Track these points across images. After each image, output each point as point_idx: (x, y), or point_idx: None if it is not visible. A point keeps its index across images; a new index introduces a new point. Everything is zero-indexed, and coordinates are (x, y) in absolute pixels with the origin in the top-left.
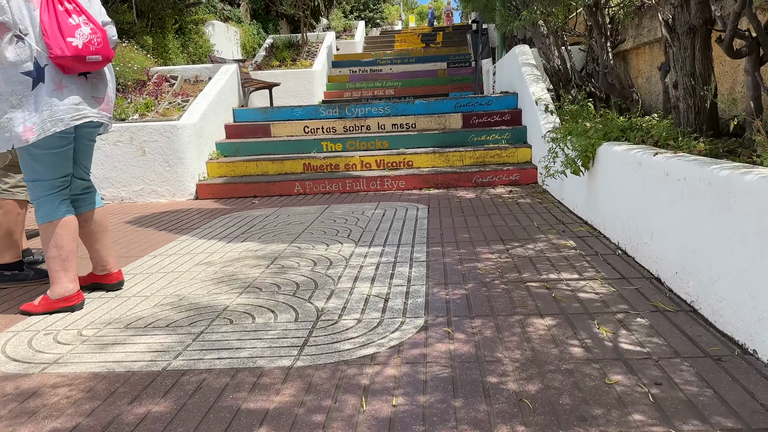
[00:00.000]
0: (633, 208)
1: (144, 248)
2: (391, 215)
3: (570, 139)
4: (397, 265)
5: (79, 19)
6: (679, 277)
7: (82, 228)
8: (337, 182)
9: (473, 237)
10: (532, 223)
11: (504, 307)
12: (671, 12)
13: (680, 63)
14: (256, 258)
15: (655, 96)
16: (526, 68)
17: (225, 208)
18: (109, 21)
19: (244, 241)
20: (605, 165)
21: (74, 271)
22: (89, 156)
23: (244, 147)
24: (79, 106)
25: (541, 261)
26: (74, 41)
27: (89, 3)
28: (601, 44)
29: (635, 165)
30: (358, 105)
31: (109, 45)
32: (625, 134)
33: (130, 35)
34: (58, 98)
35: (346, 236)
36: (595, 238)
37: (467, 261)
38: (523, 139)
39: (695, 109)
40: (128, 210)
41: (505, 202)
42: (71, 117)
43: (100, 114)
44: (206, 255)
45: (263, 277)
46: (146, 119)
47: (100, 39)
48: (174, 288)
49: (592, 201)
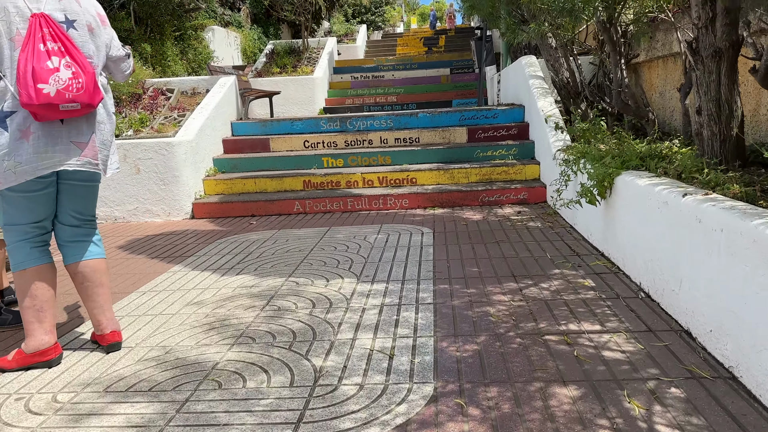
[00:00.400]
0: (657, 249)
1: (134, 281)
2: (394, 241)
3: (583, 163)
4: (402, 308)
5: (61, 62)
6: (715, 336)
7: (73, 280)
8: (338, 201)
9: (482, 271)
10: (545, 254)
11: (522, 369)
12: (694, 32)
13: (704, 88)
14: (251, 296)
15: (669, 112)
16: (533, 80)
17: (221, 230)
18: (122, 55)
19: (239, 273)
20: (624, 196)
21: (50, 322)
22: (79, 200)
23: (243, 163)
24: (45, 155)
25: (558, 305)
26: (46, 88)
27: (92, 36)
28: (615, 61)
29: (661, 204)
30: (360, 118)
31: (95, 89)
32: (644, 162)
33: (128, 43)
34: (23, 146)
35: (347, 268)
36: (614, 275)
37: (478, 304)
38: (530, 154)
39: (720, 137)
40: (121, 232)
41: (514, 225)
42: (35, 167)
43: (81, 161)
44: (198, 292)
45: (257, 323)
46: (141, 135)
47: (81, 84)
48: (161, 337)
49: (609, 232)
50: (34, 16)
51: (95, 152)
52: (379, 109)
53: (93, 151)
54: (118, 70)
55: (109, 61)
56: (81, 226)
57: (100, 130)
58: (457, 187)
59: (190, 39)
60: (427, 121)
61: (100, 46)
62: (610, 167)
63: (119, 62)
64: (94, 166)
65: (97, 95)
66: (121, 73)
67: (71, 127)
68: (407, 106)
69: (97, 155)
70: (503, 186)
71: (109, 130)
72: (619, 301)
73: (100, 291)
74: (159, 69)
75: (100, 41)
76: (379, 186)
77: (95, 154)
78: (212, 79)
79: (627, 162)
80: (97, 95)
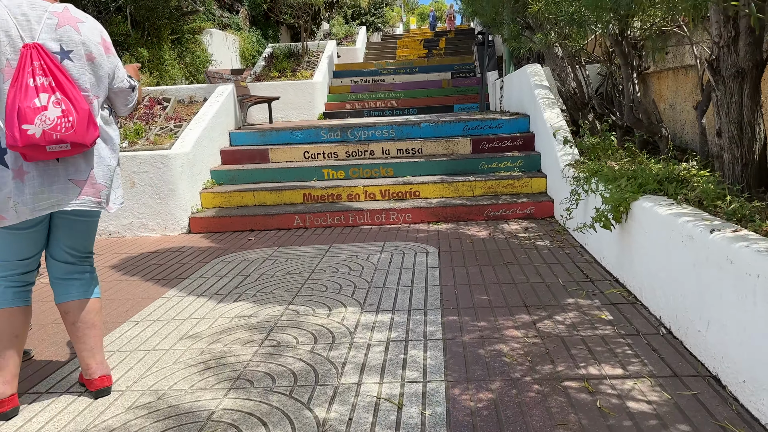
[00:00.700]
0: (681, 284)
1: (126, 308)
2: (398, 262)
3: (595, 182)
4: (409, 345)
5: (50, 99)
6: (749, 388)
7: (63, 319)
8: (339, 215)
9: (492, 300)
10: (557, 279)
11: (542, 425)
12: (714, 51)
13: (725, 109)
14: (249, 328)
15: (680, 125)
16: (539, 90)
17: (218, 246)
18: (126, 87)
19: (236, 300)
20: (642, 223)
21: (11, 371)
22: (77, 235)
23: (241, 175)
24: (42, 196)
25: (575, 343)
26: (31, 129)
27: (92, 66)
28: (627, 75)
29: (685, 237)
30: (361, 128)
31: (89, 127)
32: (662, 186)
33: (124, 47)
34: (19, 186)
35: (349, 294)
36: (632, 306)
37: (489, 340)
38: (536, 166)
39: (742, 161)
40: (115, 248)
41: (522, 244)
42: (32, 209)
43: (81, 200)
44: (193, 323)
45: (255, 362)
46: (136, 147)
47: (71, 123)
48: (153, 378)
49: (625, 258)
50: (26, 47)
51: (97, 190)
52: (379, 114)
53: (94, 188)
54: (120, 103)
55: (111, 92)
56: (76, 263)
57: (104, 165)
58: (462, 201)
59: (188, 43)
60: (429, 131)
61: (101, 77)
62: (626, 191)
63: (122, 95)
64: (96, 204)
65: (90, 134)
66: (123, 106)
67: (68, 164)
68: (408, 111)
69: (99, 192)
70: (509, 200)
71: (115, 165)
72: (639, 338)
73: (91, 333)
74: (156, 74)
75: (101, 72)
76: (381, 199)
77: (96, 191)
78: (210, 87)
79: (644, 186)
80: (91, 133)
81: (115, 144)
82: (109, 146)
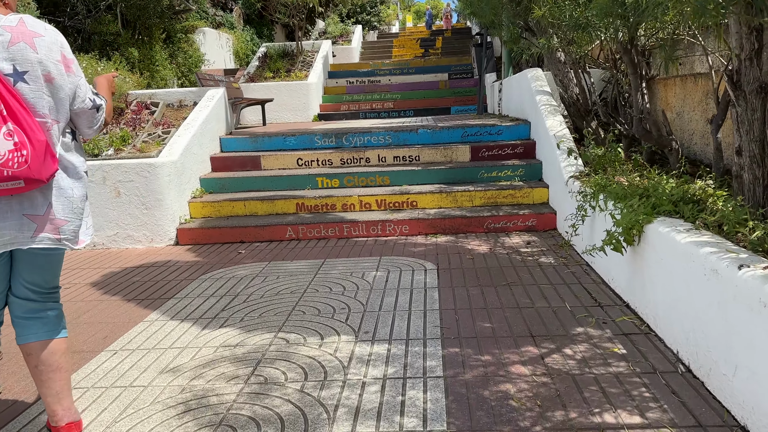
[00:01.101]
0: (702, 321)
1: (105, 334)
2: (395, 281)
3: (603, 199)
4: (407, 383)
5: (1, 130)
6: None
7: (26, 361)
8: (333, 227)
9: (496, 327)
10: (564, 303)
11: None
12: (735, 63)
13: (746, 126)
14: (235, 361)
15: (689, 135)
16: (540, 96)
17: (206, 261)
18: (88, 108)
19: (222, 325)
20: (657, 248)
21: None
22: (38, 271)
23: (231, 183)
24: None
25: (587, 383)
26: None
27: (50, 88)
28: (636, 85)
29: (708, 271)
30: (357, 134)
31: (46, 160)
32: (678, 207)
33: (114, 47)
34: None
35: (343, 319)
36: (645, 337)
37: (495, 379)
38: (538, 175)
39: (763, 182)
40: (98, 261)
41: (525, 261)
42: None
43: (38, 238)
44: (175, 353)
45: (240, 403)
46: (122, 155)
47: (25, 157)
48: (128, 422)
49: (636, 282)
50: None
51: (56, 226)
52: (375, 116)
53: (53, 224)
54: (84, 125)
55: (73, 114)
56: (38, 301)
57: (64, 198)
58: (461, 212)
59: (180, 42)
60: (427, 137)
61: (61, 100)
62: (639, 212)
63: (85, 116)
64: (55, 242)
65: (47, 168)
66: (88, 128)
67: (23, 198)
68: (404, 113)
69: (58, 228)
70: (510, 211)
71: (80, 196)
72: (656, 377)
73: (56, 376)
74: (147, 74)
75: (62, 93)
76: (377, 209)
77: (56, 228)
78: (200, 91)
79: (658, 206)
80: (48, 167)
81: (78, 171)
82: (71, 176)
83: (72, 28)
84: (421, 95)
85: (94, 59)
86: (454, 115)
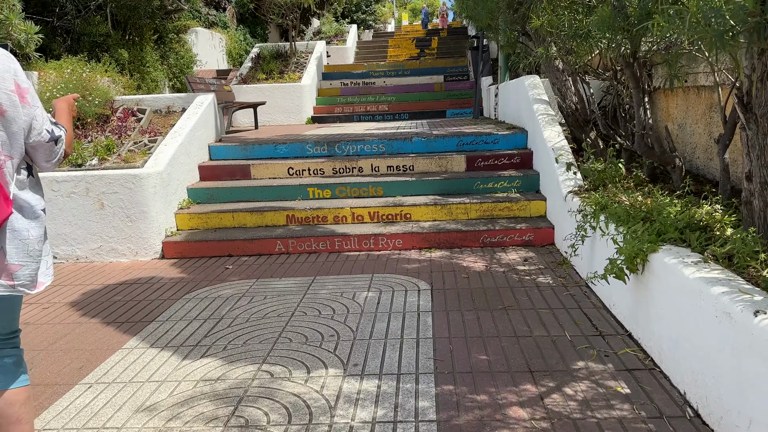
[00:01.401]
0: (713, 366)
1: (80, 364)
2: (387, 303)
3: (604, 220)
4: (398, 430)
5: None
6: None
7: None
8: (324, 240)
9: (492, 361)
10: (563, 332)
11: None
12: (746, 84)
13: (757, 151)
14: (215, 398)
15: (691, 149)
16: (537, 105)
17: (192, 278)
18: (44, 141)
19: (204, 355)
20: (662, 279)
21: None
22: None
23: (220, 193)
24: None
25: (590, 429)
26: None
27: (4, 122)
28: (638, 99)
29: (720, 313)
30: (350, 142)
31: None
32: (684, 235)
33: (104, 48)
34: None
35: (331, 349)
36: (650, 373)
37: (491, 425)
38: (535, 187)
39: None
40: (80, 277)
41: (522, 281)
42: None
43: None
44: (153, 387)
45: None
46: (106, 165)
47: None
48: None
49: (640, 312)
50: None
51: (10, 272)
52: (369, 119)
53: (6, 271)
54: (41, 159)
55: (29, 147)
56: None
57: (18, 241)
58: (456, 226)
59: (172, 42)
60: (422, 146)
61: (15, 133)
62: (643, 239)
63: (42, 150)
64: (8, 289)
65: (0, 212)
66: (45, 162)
67: None
68: (399, 116)
69: (12, 274)
70: (506, 225)
71: (37, 237)
72: (663, 423)
73: (15, 430)
74: (137, 76)
75: (15, 126)
76: (369, 222)
77: (10, 273)
78: (189, 96)
79: (663, 234)
80: (1, 211)
81: (35, 211)
82: (27, 216)
83: (61, 28)
84: (416, 98)
85: (83, 61)
86: (450, 118)
